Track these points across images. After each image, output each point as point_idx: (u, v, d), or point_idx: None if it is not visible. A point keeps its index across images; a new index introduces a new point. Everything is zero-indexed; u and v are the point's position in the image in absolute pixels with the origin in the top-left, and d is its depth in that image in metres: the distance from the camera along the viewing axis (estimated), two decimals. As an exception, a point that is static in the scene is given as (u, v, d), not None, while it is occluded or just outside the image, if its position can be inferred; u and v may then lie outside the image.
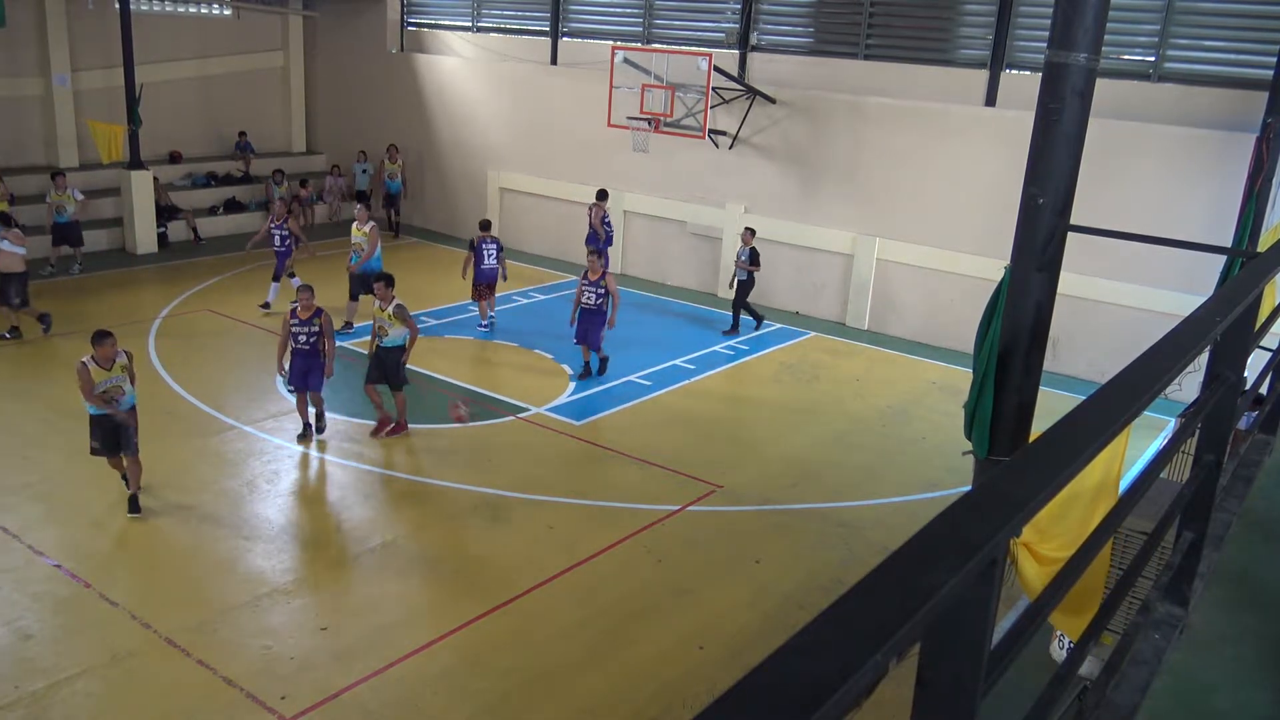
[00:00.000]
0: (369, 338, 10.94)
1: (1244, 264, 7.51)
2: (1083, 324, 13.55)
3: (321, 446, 10.40)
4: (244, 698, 6.53)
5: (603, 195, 16.63)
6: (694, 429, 11.47)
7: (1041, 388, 5.95)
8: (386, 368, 10.72)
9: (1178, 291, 12.40)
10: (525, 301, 16.44)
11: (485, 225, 14.63)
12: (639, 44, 17.73)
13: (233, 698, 6.54)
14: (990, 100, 14.71)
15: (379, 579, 8.05)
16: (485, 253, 14.21)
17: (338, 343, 11.34)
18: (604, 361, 13.01)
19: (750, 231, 15.02)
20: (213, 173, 20.69)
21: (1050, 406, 4.97)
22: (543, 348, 13.90)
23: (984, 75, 14.74)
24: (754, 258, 14.83)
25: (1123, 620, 5.17)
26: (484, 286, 14.38)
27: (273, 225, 14.76)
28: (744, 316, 15.22)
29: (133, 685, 6.65)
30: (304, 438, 10.46)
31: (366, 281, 12.90)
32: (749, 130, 16.58)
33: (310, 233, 20.11)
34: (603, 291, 12.48)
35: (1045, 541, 5.42)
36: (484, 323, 14.66)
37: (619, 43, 17.45)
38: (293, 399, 10.79)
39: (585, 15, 18.92)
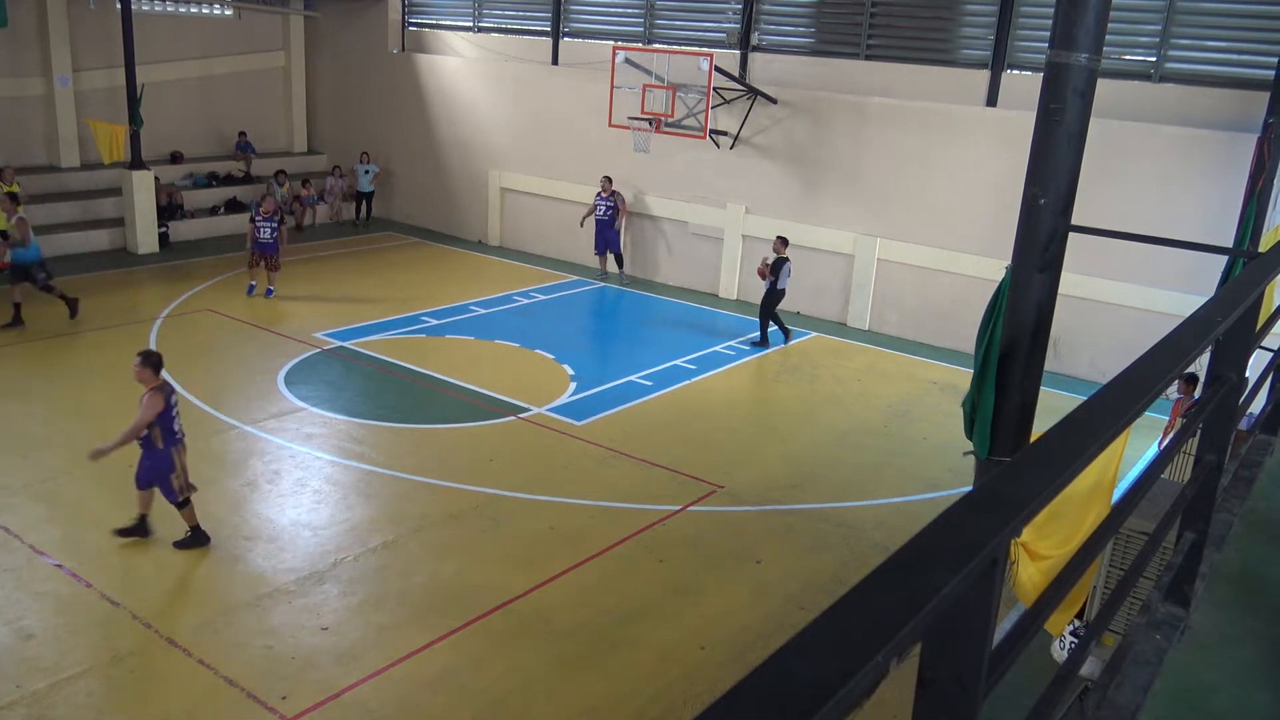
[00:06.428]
0: None
1: (1245, 264, 7.51)
2: (1084, 324, 13.54)
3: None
4: (245, 697, 6.54)
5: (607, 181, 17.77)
6: (695, 429, 11.47)
7: (1042, 388, 5.96)
8: None
9: (1179, 292, 12.40)
10: (525, 301, 16.44)
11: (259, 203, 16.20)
12: (640, 44, 17.73)
13: (234, 697, 6.54)
14: (991, 100, 14.70)
15: (379, 579, 8.05)
16: (261, 228, 15.37)
17: None
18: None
19: (782, 240, 14.51)
20: (214, 173, 20.69)
21: (1051, 406, 4.98)
22: (543, 348, 13.90)
23: (985, 75, 14.73)
24: (775, 267, 14.27)
25: (1124, 620, 5.18)
26: (257, 255, 15.43)
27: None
28: (773, 329, 14.72)
29: (134, 685, 6.66)
30: None
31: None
32: (750, 130, 16.58)
33: (311, 233, 20.24)
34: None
35: (1040, 540, 5.44)
36: (261, 290, 15.56)
37: (620, 43, 17.45)
38: None
39: (586, 15, 18.91)
